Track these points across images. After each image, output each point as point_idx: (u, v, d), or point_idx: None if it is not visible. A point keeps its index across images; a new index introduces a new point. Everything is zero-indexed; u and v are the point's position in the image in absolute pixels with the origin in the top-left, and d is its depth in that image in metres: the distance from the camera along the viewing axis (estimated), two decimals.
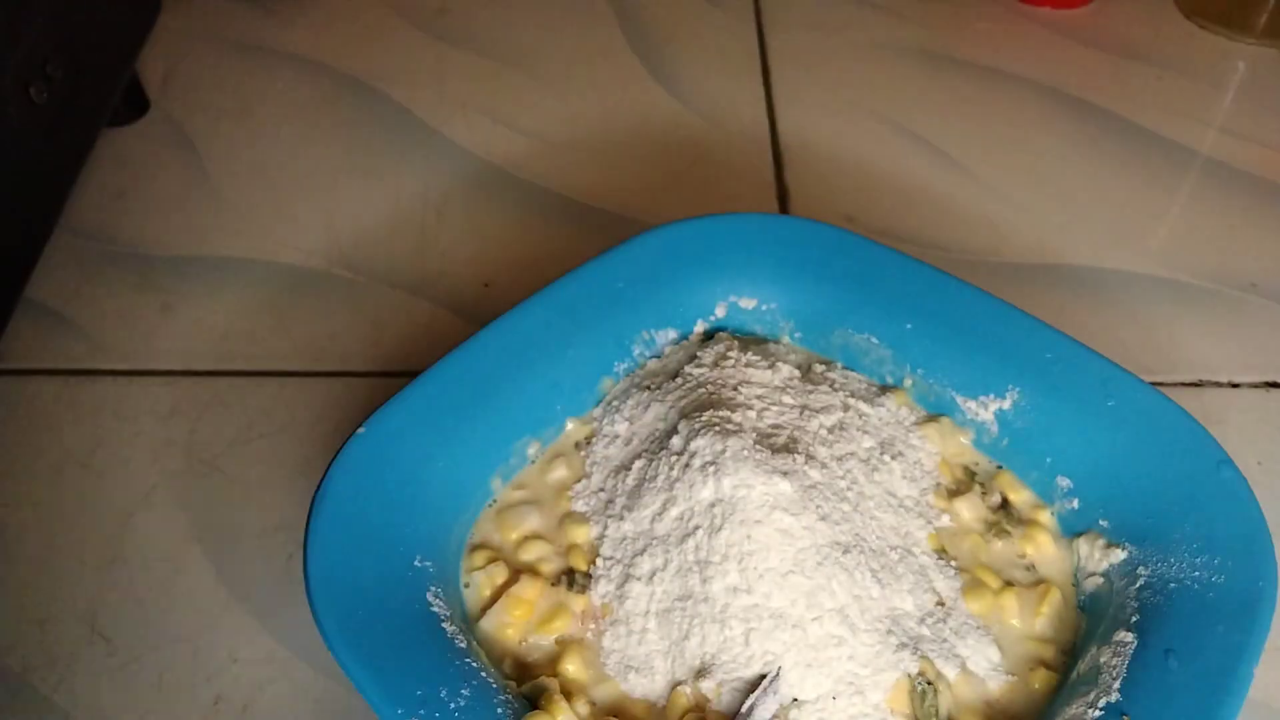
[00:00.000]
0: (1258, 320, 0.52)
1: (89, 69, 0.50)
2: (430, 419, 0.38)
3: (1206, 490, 0.36)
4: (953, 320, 0.42)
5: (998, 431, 0.41)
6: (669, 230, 0.44)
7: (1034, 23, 0.72)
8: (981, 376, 0.41)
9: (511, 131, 0.61)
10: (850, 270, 0.44)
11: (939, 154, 0.61)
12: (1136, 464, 0.38)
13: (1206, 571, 0.34)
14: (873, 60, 0.68)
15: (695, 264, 0.45)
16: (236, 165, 0.58)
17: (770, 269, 0.45)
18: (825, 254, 0.44)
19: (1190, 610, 0.34)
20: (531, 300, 0.41)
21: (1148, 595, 0.35)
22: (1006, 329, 0.41)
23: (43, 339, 0.48)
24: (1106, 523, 0.38)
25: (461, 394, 0.39)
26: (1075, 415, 0.39)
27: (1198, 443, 0.37)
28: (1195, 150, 0.62)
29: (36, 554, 0.40)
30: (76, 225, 0.54)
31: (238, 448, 0.44)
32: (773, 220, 0.46)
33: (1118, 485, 0.38)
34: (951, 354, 0.42)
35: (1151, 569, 0.36)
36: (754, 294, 0.45)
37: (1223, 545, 0.35)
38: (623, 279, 0.43)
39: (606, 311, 0.43)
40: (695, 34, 0.69)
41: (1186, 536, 0.36)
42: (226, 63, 0.65)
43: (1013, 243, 0.56)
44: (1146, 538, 0.37)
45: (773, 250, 0.45)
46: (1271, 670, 0.39)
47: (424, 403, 0.38)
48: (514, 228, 0.55)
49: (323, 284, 0.52)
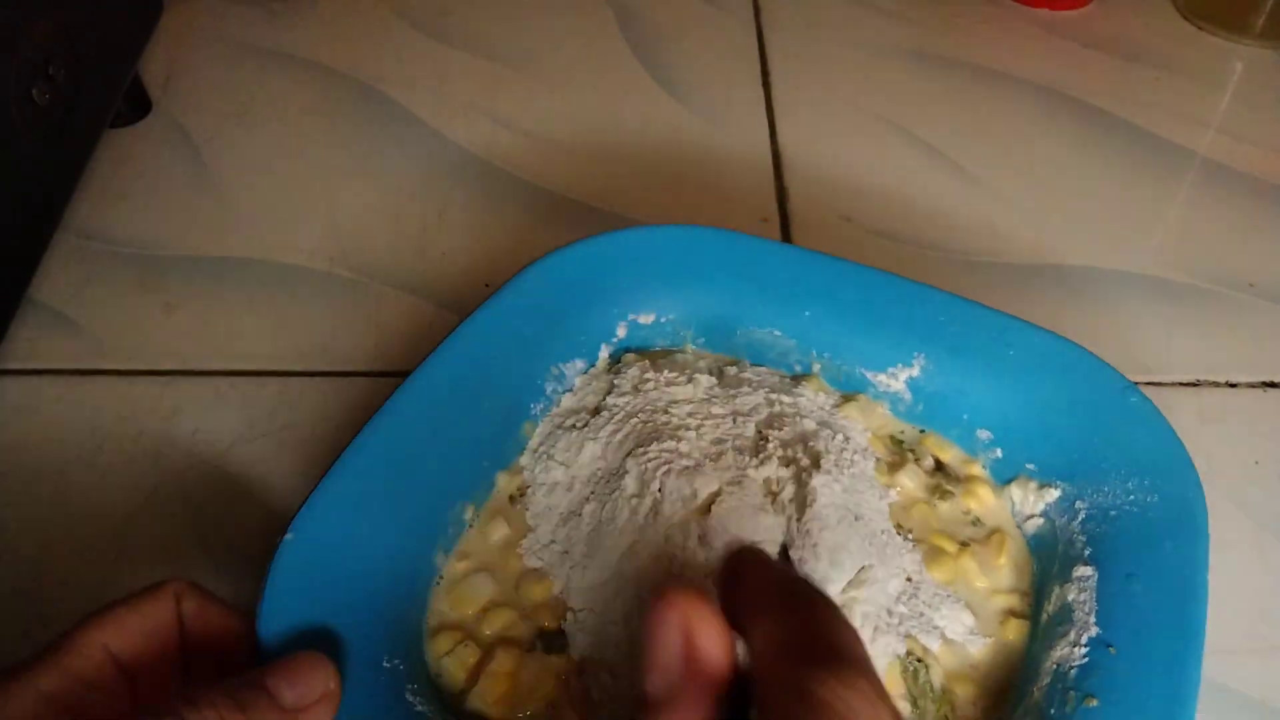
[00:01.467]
0: (1256, 320, 0.52)
1: (91, 70, 0.50)
2: (356, 510, 0.35)
3: (1119, 417, 0.38)
4: (849, 300, 0.43)
5: (912, 398, 0.43)
6: (555, 259, 0.43)
7: (1033, 23, 0.72)
8: (887, 349, 0.43)
9: (512, 132, 0.61)
10: (742, 269, 0.44)
11: (938, 155, 0.61)
12: (1047, 405, 0.40)
13: (1140, 493, 0.36)
14: (872, 61, 0.68)
15: (589, 289, 0.44)
16: (238, 166, 0.58)
17: (664, 281, 0.45)
18: (715, 257, 0.44)
19: (1136, 533, 0.35)
20: (432, 359, 0.39)
21: (1092, 526, 0.37)
22: (902, 300, 0.42)
23: (45, 339, 0.49)
24: (1034, 465, 0.40)
25: (383, 475, 0.36)
26: (980, 369, 0.41)
27: (1100, 375, 0.39)
28: (1194, 151, 0.62)
29: (38, 554, 0.41)
30: (78, 226, 0.54)
31: (239, 448, 0.44)
32: (656, 232, 0.45)
33: (1035, 428, 0.40)
34: (854, 333, 0.43)
35: (1089, 501, 0.37)
36: (651, 308, 0.45)
37: (1148, 466, 0.37)
38: (519, 318, 0.42)
39: (511, 355, 0.41)
40: (695, 35, 0.69)
41: (1112, 464, 0.37)
42: (228, 64, 0.65)
43: (1012, 243, 0.56)
44: (1075, 473, 0.38)
45: (663, 262, 0.44)
46: (1272, 670, 0.39)
47: (346, 494, 0.35)
48: (514, 228, 0.55)
49: (323, 284, 0.52)
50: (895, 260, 0.54)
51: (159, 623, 0.29)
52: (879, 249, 0.55)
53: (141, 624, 0.28)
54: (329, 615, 0.32)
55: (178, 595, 0.29)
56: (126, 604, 0.28)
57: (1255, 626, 0.40)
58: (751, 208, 0.57)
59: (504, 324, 0.41)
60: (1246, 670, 0.39)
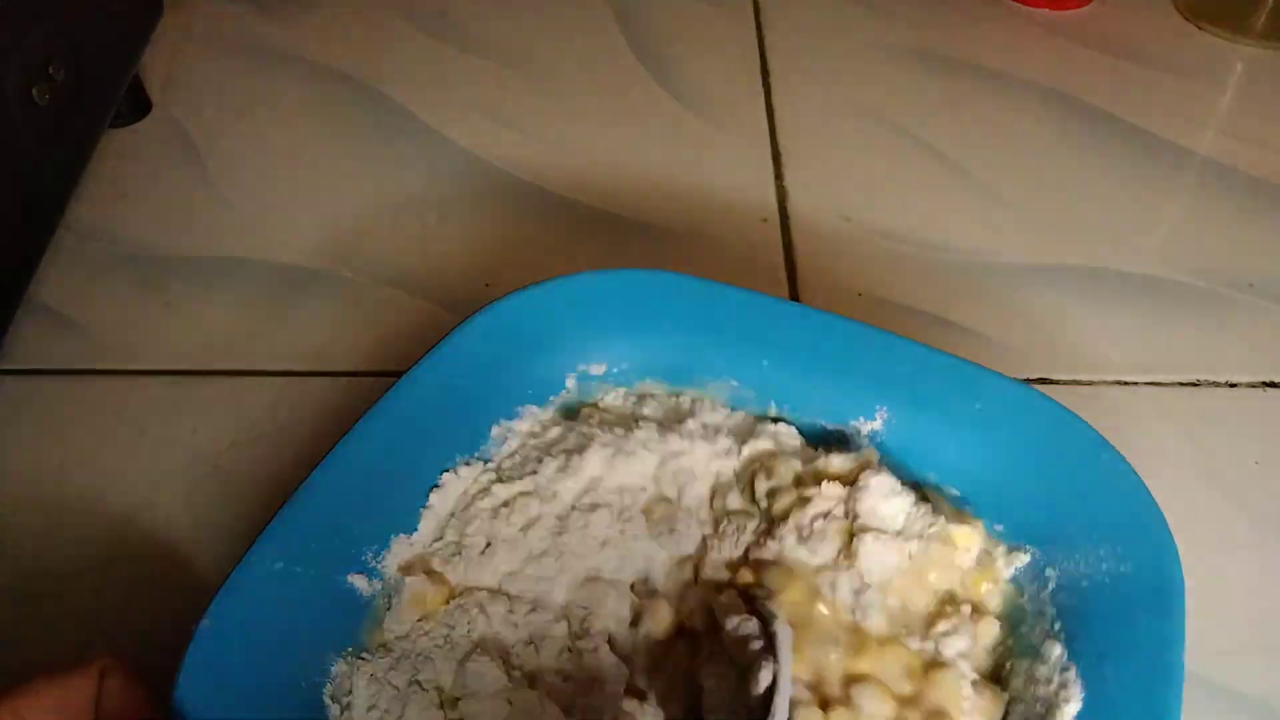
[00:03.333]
0: (1255, 320, 0.52)
1: (92, 70, 0.50)
2: (279, 588, 0.33)
3: (1090, 476, 0.36)
4: (809, 349, 0.41)
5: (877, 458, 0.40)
6: (497, 310, 0.41)
7: (1033, 23, 0.72)
8: (848, 401, 0.40)
9: (511, 132, 0.61)
10: (697, 315, 0.42)
11: (938, 155, 0.61)
12: (1016, 461, 0.38)
13: (1113, 561, 0.34)
14: (872, 61, 0.68)
15: (534, 341, 0.41)
16: (238, 166, 0.58)
17: (615, 329, 0.42)
18: (668, 303, 0.42)
19: (1108, 607, 0.33)
20: (367, 419, 0.37)
21: (1063, 598, 0.35)
22: (864, 348, 0.40)
23: (45, 339, 0.49)
24: (1002, 526, 0.37)
25: (307, 549, 0.34)
26: (946, 424, 0.39)
27: (1071, 430, 0.37)
28: (1193, 151, 0.62)
29: (38, 554, 0.41)
30: (79, 225, 0.54)
31: (239, 447, 0.44)
32: (607, 277, 0.43)
33: (1004, 487, 0.38)
34: (813, 384, 0.41)
35: (1060, 569, 0.35)
36: (603, 358, 0.43)
37: (1121, 532, 0.35)
38: (460, 372, 0.39)
39: (449, 411, 0.39)
40: (695, 34, 0.69)
41: (1084, 528, 0.35)
42: (228, 64, 0.65)
43: (1011, 243, 0.56)
44: (1045, 536, 0.36)
45: (615, 308, 0.42)
46: (1272, 670, 0.39)
47: (268, 575, 0.33)
48: (514, 228, 0.55)
49: (324, 284, 0.52)
50: (895, 260, 0.54)
51: (78, 699, 0.28)
52: (879, 249, 0.55)
53: (60, 698, 0.28)
54: (245, 707, 0.31)
55: (103, 673, 0.29)
56: (49, 677, 0.28)
57: (1255, 626, 0.40)
58: (751, 208, 0.57)
59: (442, 380, 0.39)
60: (1246, 670, 0.39)
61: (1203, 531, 0.43)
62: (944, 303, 0.52)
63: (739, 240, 0.55)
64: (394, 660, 0.34)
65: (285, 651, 0.33)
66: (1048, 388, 0.48)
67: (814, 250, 0.54)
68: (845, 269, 0.53)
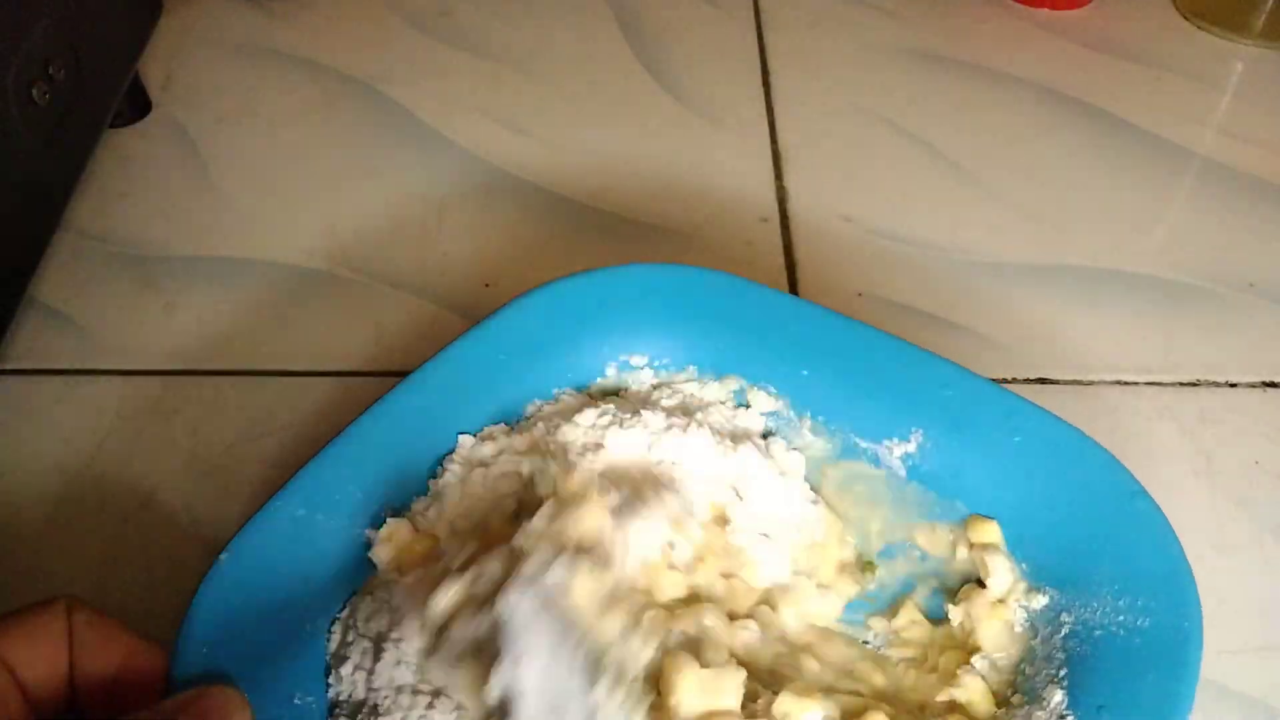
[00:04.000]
0: (1255, 320, 0.52)
1: (91, 70, 0.50)
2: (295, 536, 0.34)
3: (1121, 523, 0.35)
4: (851, 363, 0.41)
5: (906, 475, 0.40)
6: (547, 292, 0.42)
7: (1033, 23, 0.72)
8: (884, 420, 0.40)
9: (512, 132, 0.61)
10: (743, 317, 0.42)
11: (938, 154, 0.61)
12: (1048, 500, 0.37)
13: (1131, 615, 0.33)
14: (872, 61, 0.68)
15: (579, 326, 0.42)
16: (238, 166, 0.58)
17: (660, 323, 0.43)
18: (715, 302, 0.43)
19: (1118, 660, 0.32)
20: (409, 382, 0.38)
21: (1074, 645, 0.34)
22: (906, 368, 0.40)
23: (44, 339, 0.49)
24: (1025, 565, 0.37)
25: (331, 501, 0.35)
26: (981, 454, 0.38)
27: (1110, 474, 0.36)
28: (1193, 151, 0.62)
29: (37, 554, 0.41)
30: (78, 225, 0.54)
31: (240, 448, 0.44)
32: (654, 271, 0.43)
33: (1032, 524, 0.37)
34: (851, 399, 0.41)
35: (1075, 615, 0.35)
36: (645, 350, 0.43)
37: (1144, 584, 0.34)
38: (503, 350, 0.40)
39: (490, 387, 0.40)
40: (695, 34, 0.69)
41: (1106, 576, 0.34)
42: (228, 64, 0.65)
43: (1011, 243, 0.56)
44: (1066, 580, 0.35)
45: (659, 303, 0.43)
46: (1271, 670, 0.39)
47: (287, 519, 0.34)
48: (514, 228, 0.55)
49: (324, 284, 0.52)
50: (895, 260, 0.54)
51: (48, 632, 0.28)
52: (879, 249, 0.55)
53: (30, 632, 0.27)
54: (249, 645, 0.32)
55: (69, 609, 0.28)
56: (15, 614, 0.28)
57: (1255, 626, 0.40)
58: (751, 208, 0.57)
59: (484, 354, 0.40)
60: (1246, 670, 0.39)
61: (1203, 531, 0.43)
62: (944, 303, 0.52)
63: (739, 240, 0.55)
64: (371, 609, 0.35)
65: (296, 594, 0.34)
66: (1048, 388, 0.48)
67: (814, 250, 0.54)
68: (845, 269, 0.53)
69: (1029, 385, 0.48)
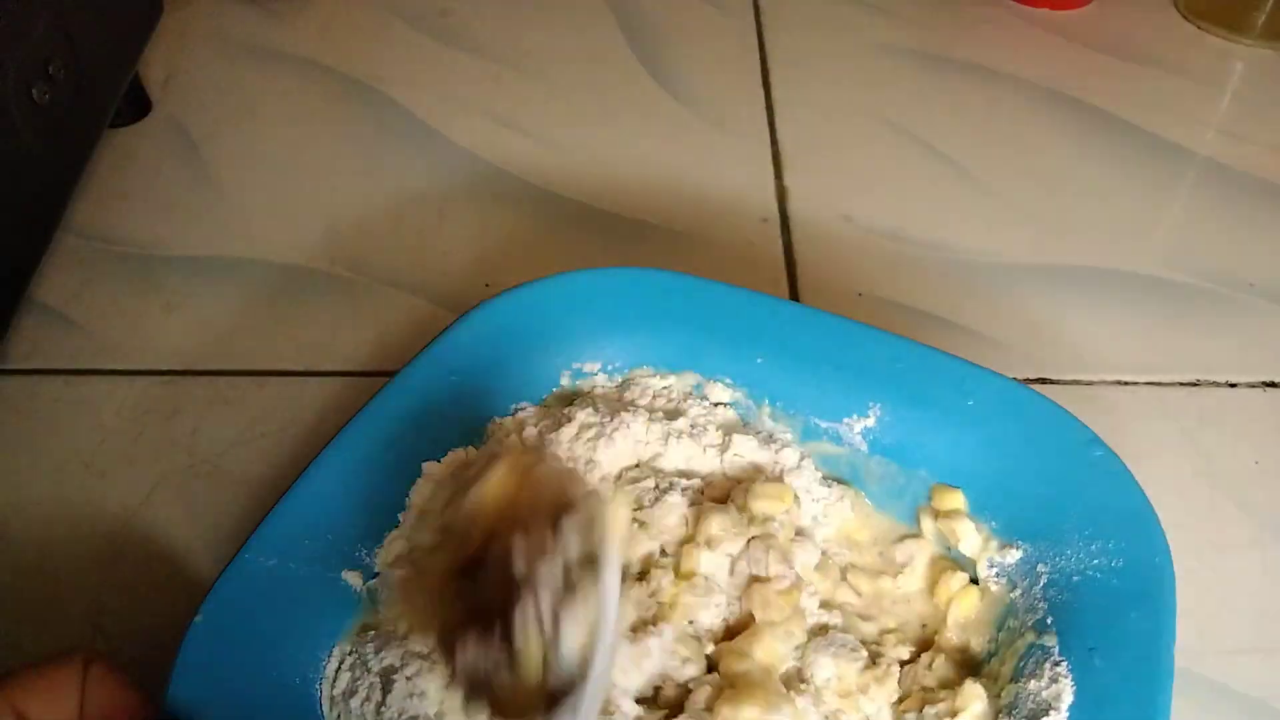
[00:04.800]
0: (1255, 320, 0.52)
1: (92, 70, 0.50)
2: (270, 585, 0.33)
3: (1082, 472, 0.36)
4: (802, 346, 0.41)
5: (868, 450, 0.40)
6: (490, 308, 0.41)
7: (1033, 23, 0.72)
8: (841, 399, 0.41)
9: (512, 132, 0.61)
10: (691, 313, 0.42)
11: (938, 154, 0.61)
12: (1008, 458, 0.38)
13: (1104, 558, 0.34)
14: (872, 61, 0.68)
15: (529, 338, 0.42)
16: (238, 165, 0.58)
17: (609, 327, 0.43)
18: (662, 300, 0.43)
19: (1099, 602, 0.34)
20: (361, 417, 0.37)
21: (1054, 594, 0.35)
22: (856, 345, 0.41)
23: (45, 338, 0.49)
24: (995, 523, 0.38)
25: (302, 546, 0.34)
26: (939, 420, 0.39)
27: (1063, 426, 0.37)
28: (1193, 151, 0.62)
29: (37, 554, 0.41)
30: (79, 225, 0.54)
31: (240, 447, 0.44)
32: (601, 275, 0.43)
33: (996, 483, 0.38)
34: (806, 381, 0.41)
35: (1051, 565, 0.36)
36: (597, 356, 0.43)
37: (1112, 528, 0.35)
38: (455, 372, 0.40)
39: (445, 409, 0.39)
40: (695, 34, 0.69)
41: (1076, 524, 0.36)
42: (228, 64, 0.65)
43: (1011, 243, 0.56)
44: (1037, 533, 0.36)
45: (608, 306, 0.42)
46: (1271, 670, 0.39)
47: (260, 570, 0.33)
48: (514, 228, 0.55)
49: (324, 284, 0.52)
50: (895, 260, 0.54)
51: (65, 688, 0.28)
52: (879, 249, 0.55)
53: (49, 688, 0.28)
54: (235, 704, 0.31)
55: (85, 663, 0.29)
56: (35, 667, 0.28)
57: (1255, 626, 0.40)
58: (751, 208, 0.57)
59: (437, 377, 0.39)
60: (1246, 670, 0.39)
61: (1203, 531, 0.43)
62: (944, 303, 0.52)
63: (739, 240, 0.55)
64: (379, 644, 0.34)
65: (278, 648, 0.33)
66: (1047, 387, 0.48)
67: (814, 250, 0.54)
68: (845, 269, 0.53)
69: (1029, 385, 0.48)
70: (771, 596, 0.35)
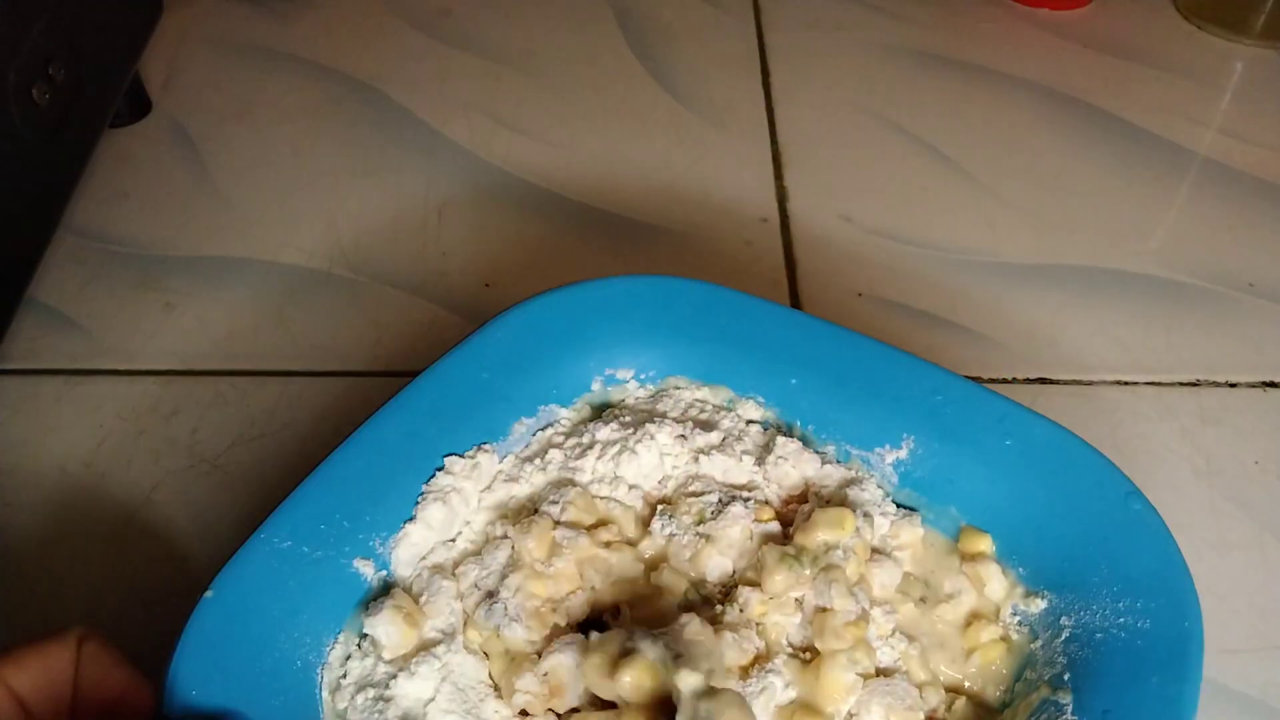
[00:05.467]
0: (1255, 320, 0.52)
1: (91, 70, 0.50)
2: (283, 570, 0.33)
3: (1118, 525, 0.35)
4: (840, 371, 0.40)
5: (898, 482, 0.39)
6: (530, 308, 0.41)
7: (1033, 23, 0.72)
8: (875, 427, 0.39)
9: (512, 132, 0.61)
10: (729, 327, 0.41)
11: (938, 154, 0.61)
12: (1042, 503, 0.36)
13: (1131, 617, 0.33)
14: (872, 60, 0.68)
15: (564, 341, 0.41)
16: (238, 166, 0.58)
17: (644, 335, 0.42)
18: (701, 312, 0.42)
19: (1121, 663, 0.32)
20: (387, 407, 0.37)
21: (1075, 649, 0.33)
22: (895, 374, 0.39)
23: (45, 338, 0.49)
24: (1023, 569, 0.37)
25: (317, 532, 0.35)
26: (973, 458, 0.38)
27: (1103, 475, 0.36)
28: (1193, 151, 0.62)
29: (38, 554, 0.41)
30: (79, 225, 0.54)
31: (240, 447, 0.44)
32: (640, 282, 0.42)
33: (1026, 528, 0.36)
34: (841, 407, 0.40)
35: (1075, 619, 0.34)
36: (630, 364, 0.42)
37: (1143, 586, 0.33)
38: (486, 368, 0.39)
39: (475, 404, 0.39)
40: (695, 34, 0.69)
41: (1105, 579, 0.34)
42: (228, 64, 0.65)
43: (1011, 243, 0.56)
44: (1065, 583, 0.35)
45: (646, 314, 0.42)
46: (1272, 670, 0.39)
47: (275, 553, 0.33)
48: (514, 228, 0.55)
49: (324, 284, 0.52)
50: (895, 260, 0.54)
51: (58, 664, 0.28)
52: (879, 249, 0.55)
53: (43, 664, 0.28)
54: (237, 683, 0.31)
55: (80, 640, 0.29)
56: (30, 645, 0.28)
57: (1255, 626, 0.40)
58: (751, 208, 0.57)
59: (466, 374, 0.39)
60: (1246, 670, 0.39)
61: (1203, 531, 0.43)
62: (944, 303, 0.52)
63: (739, 240, 0.55)
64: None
65: (283, 629, 0.33)
66: (1047, 387, 0.48)
67: (814, 250, 0.54)
68: (845, 269, 0.53)
69: (1029, 385, 0.48)
70: (837, 627, 0.34)
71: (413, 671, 0.33)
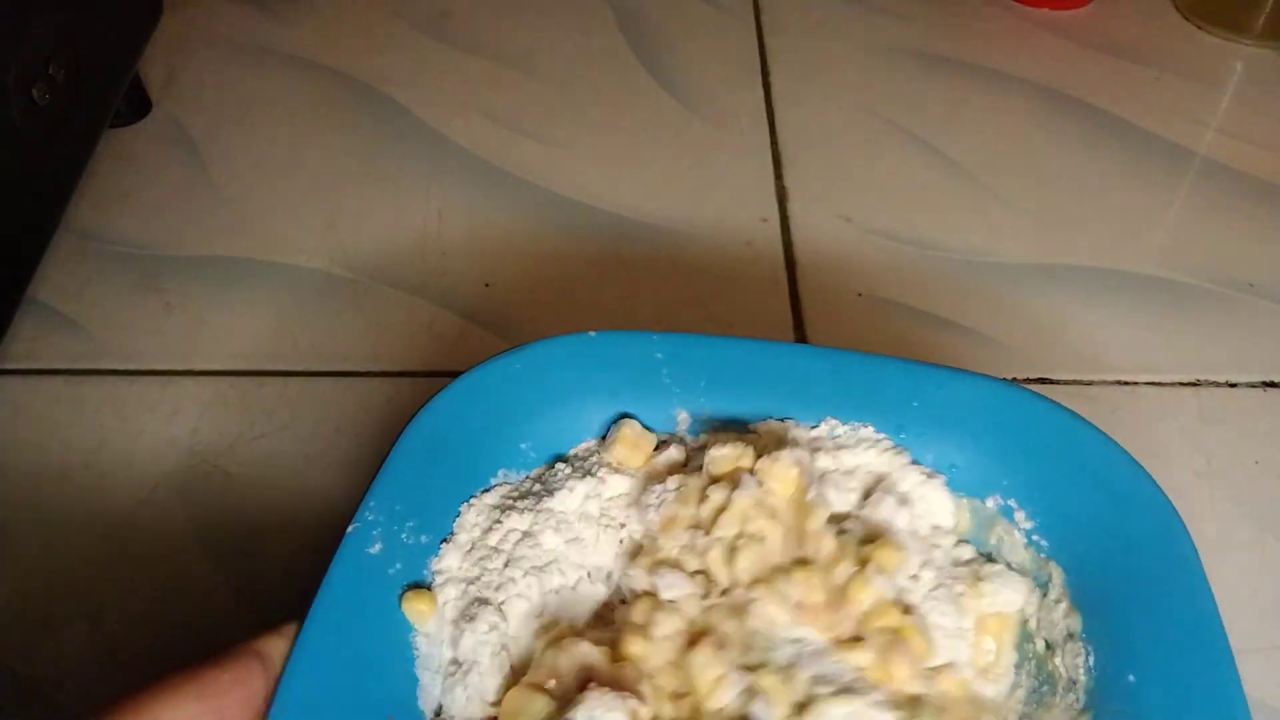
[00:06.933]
0: (1255, 320, 0.52)
1: (91, 70, 0.50)
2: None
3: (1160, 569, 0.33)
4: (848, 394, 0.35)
5: None
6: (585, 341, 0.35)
7: (1033, 23, 0.72)
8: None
9: (512, 132, 0.61)
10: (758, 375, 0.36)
11: (938, 154, 0.61)
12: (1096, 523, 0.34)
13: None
14: (872, 61, 0.68)
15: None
16: (238, 166, 0.58)
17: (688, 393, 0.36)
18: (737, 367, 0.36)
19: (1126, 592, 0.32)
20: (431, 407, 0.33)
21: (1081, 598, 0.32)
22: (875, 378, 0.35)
23: (45, 339, 0.49)
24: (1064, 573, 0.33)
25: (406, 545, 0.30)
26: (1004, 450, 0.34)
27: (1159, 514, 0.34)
28: (1193, 151, 0.62)
29: (37, 554, 0.41)
30: (79, 226, 0.54)
31: (240, 447, 0.44)
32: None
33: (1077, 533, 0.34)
34: None
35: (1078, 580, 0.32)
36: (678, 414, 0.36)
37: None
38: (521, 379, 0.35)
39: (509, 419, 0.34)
40: (695, 35, 0.69)
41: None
42: (229, 64, 0.65)
43: (1011, 243, 0.56)
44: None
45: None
46: (1272, 670, 0.39)
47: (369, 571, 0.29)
48: (514, 228, 0.55)
49: (324, 284, 0.52)
50: (895, 260, 0.54)
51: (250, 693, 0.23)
52: (879, 249, 0.55)
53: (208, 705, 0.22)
54: None
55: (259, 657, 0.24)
56: (193, 674, 0.23)
57: (1255, 626, 0.40)
58: (751, 208, 0.57)
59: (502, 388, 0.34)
60: (1246, 670, 0.39)
61: (1203, 531, 0.43)
62: (944, 303, 0.52)
63: (739, 240, 0.55)
64: None
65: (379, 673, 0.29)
66: (1048, 388, 0.48)
67: (814, 250, 0.54)
68: (845, 269, 0.53)
69: (1029, 385, 0.48)
70: None
71: None
